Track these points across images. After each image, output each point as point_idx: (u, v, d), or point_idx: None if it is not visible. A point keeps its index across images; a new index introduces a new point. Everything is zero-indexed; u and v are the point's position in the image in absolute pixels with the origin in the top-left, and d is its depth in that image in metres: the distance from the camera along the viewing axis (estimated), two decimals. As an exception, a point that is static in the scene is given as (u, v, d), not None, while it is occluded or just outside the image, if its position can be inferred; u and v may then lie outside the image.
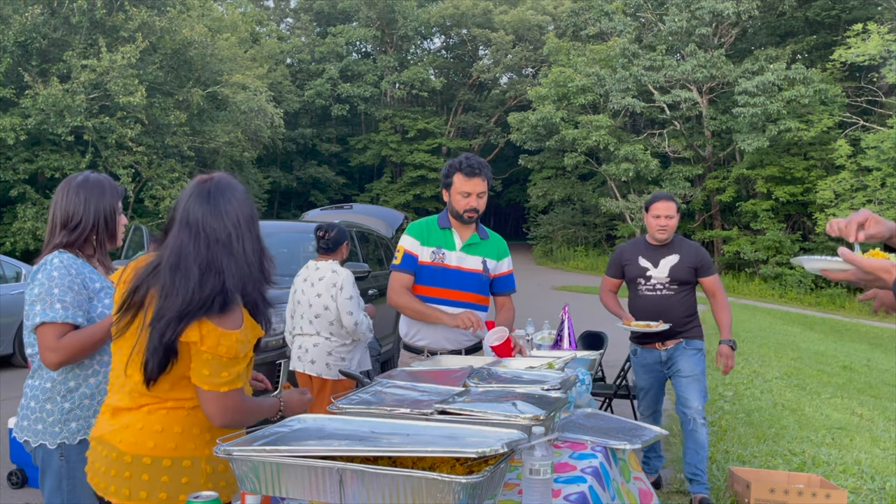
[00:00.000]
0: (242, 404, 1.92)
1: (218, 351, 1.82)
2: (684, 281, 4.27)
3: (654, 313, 4.21)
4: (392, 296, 3.40)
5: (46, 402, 2.37)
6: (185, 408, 1.92)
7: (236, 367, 1.87)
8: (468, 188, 3.34)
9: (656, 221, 4.28)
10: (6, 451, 4.82)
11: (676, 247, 4.33)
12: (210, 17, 26.61)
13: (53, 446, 2.35)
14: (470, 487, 1.43)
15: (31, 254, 19.95)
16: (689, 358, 4.27)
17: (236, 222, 1.91)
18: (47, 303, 2.25)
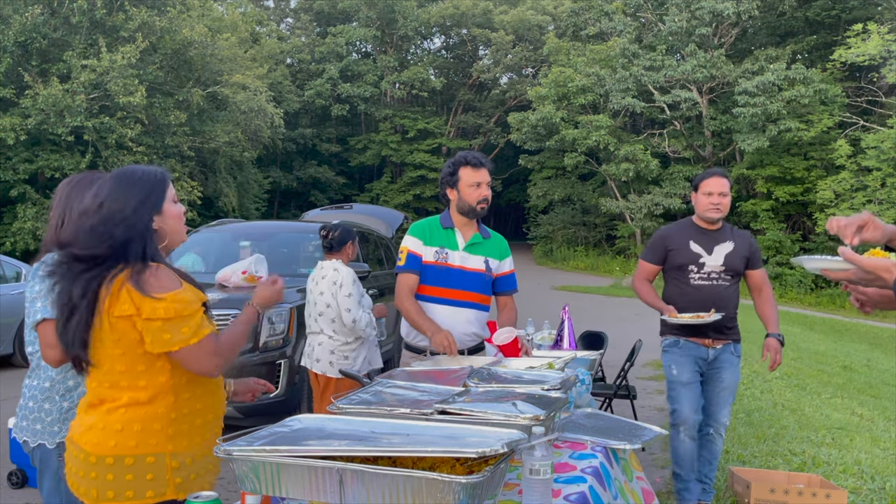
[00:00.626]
0: (219, 345, 1.97)
1: (159, 314, 1.87)
2: (736, 272, 3.90)
3: (706, 306, 3.80)
4: (398, 299, 3.40)
5: (45, 401, 2.37)
6: (140, 402, 1.94)
7: (191, 321, 1.91)
8: (478, 178, 3.34)
9: (708, 200, 3.82)
10: (6, 451, 4.81)
11: (729, 233, 3.93)
12: (210, 17, 26.62)
13: (52, 446, 2.36)
14: (470, 487, 1.43)
15: (31, 254, 19.94)
16: (733, 367, 3.95)
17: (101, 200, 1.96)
18: (48, 300, 2.24)
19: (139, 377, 1.94)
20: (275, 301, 2.25)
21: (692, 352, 3.92)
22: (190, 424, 1.99)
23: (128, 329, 1.90)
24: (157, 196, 2.02)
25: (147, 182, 2.01)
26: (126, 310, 1.88)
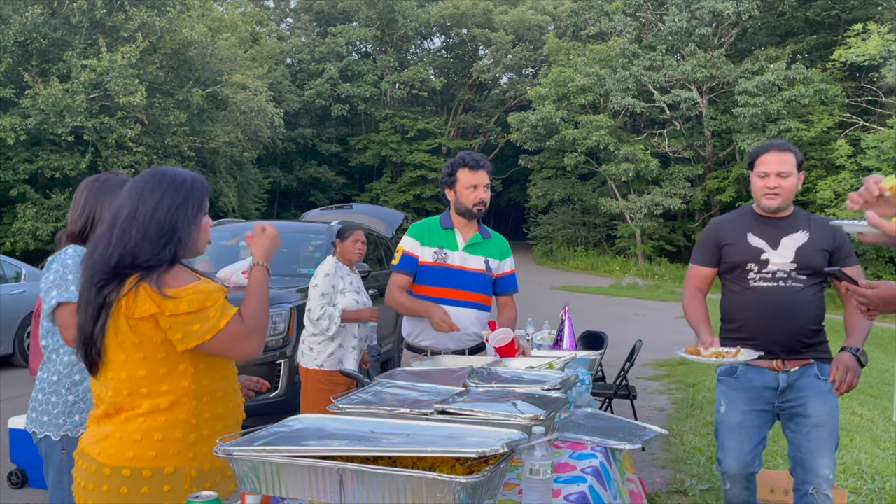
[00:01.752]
0: (247, 322, 1.94)
1: (181, 308, 1.82)
2: (815, 271, 2.93)
3: (771, 316, 2.91)
4: (388, 295, 3.44)
5: (52, 394, 2.43)
6: (161, 409, 1.87)
7: (214, 307, 1.88)
8: (475, 181, 3.35)
9: (763, 183, 2.91)
10: (6, 451, 4.82)
11: (803, 221, 2.98)
12: (210, 17, 26.64)
13: (57, 438, 2.40)
14: (470, 487, 1.43)
15: (31, 254, 19.94)
16: (822, 396, 2.91)
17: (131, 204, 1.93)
18: (62, 287, 2.37)
19: (161, 382, 1.88)
20: (275, 246, 2.21)
21: (753, 380, 2.96)
22: (211, 430, 1.94)
23: (150, 330, 1.85)
24: (198, 203, 1.98)
25: (191, 191, 1.97)
26: (148, 309, 1.82)
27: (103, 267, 1.85)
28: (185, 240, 1.92)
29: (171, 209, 1.90)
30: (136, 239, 1.85)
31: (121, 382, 1.88)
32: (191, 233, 1.95)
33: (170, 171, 1.98)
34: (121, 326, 1.84)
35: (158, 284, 1.83)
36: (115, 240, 1.86)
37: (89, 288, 1.87)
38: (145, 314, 1.82)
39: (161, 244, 1.87)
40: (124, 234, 1.86)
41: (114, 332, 1.85)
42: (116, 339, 1.86)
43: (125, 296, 1.83)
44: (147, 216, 1.88)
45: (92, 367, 1.91)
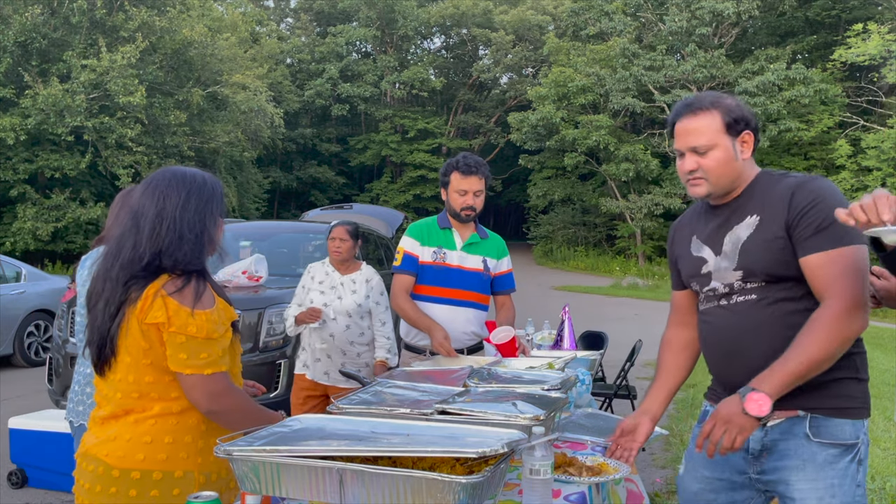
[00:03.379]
0: (230, 390, 1.87)
1: (188, 331, 1.79)
2: (770, 274, 1.94)
3: (720, 353, 2.10)
4: (393, 299, 3.43)
5: (87, 385, 2.56)
6: (172, 413, 1.86)
7: (214, 347, 1.83)
8: (465, 186, 3.36)
9: (680, 165, 2.05)
10: (6, 451, 4.82)
11: (756, 200, 1.99)
12: (210, 17, 26.62)
13: None
14: (470, 487, 1.43)
15: (31, 254, 19.96)
16: (815, 470, 1.91)
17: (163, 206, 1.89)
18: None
19: (169, 388, 1.86)
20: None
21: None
22: (221, 431, 1.89)
23: (157, 338, 1.82)
24: (220, 202, 1.97)
25: (214, 190, 1.95)
26: (158, 317, 1.80)
27: (132, 266, 1.83)
28: (213, 239, 1.93)
29: (198, 209, 1.89)
30: (169, 239, 1.84)
31: (129, 385, 1.86)
32: (215, 232, 1.95)
33: (187, 170, 1.96)
34: (132, 328, 1.83)
35: (179, 296, 1.81)
36: (144, 240, 1.84)
37: (113, 286, 1.84)
38: (154, 321, 1.80)
39: (199, 245, 1.88)
40: (154, 233, 1.84)
41: (124, 332, 1.83)
42: (125, 341, 1.84)
43: (142, 298, 1.81)
44: (176, 216, 1.86)
45: (103, 366, 1.87)
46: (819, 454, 1.90)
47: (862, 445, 1.93)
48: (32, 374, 8.19)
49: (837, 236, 1.83)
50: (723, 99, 2.02)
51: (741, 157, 1.99)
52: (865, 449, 1.94)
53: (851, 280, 1.81)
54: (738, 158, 1.98)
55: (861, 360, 1.96)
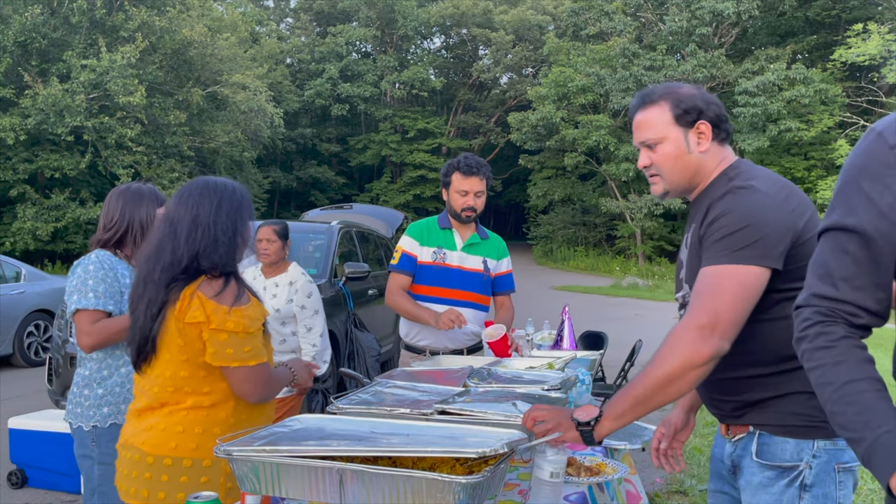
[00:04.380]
0: (271, 376, 2.08)
1: (227, 327, 1.93)
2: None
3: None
4: (388, 296, 3.44)
5: (85, 387, 2.60)
6: (203, 406, 2.00)
7: (254, 340, 1.99)
8: (465, 187, 3.36)
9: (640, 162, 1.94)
10: (6, 451, 4.82)
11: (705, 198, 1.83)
12: (210, 17, 26.63)
13: (88, 428, 2.58)
14: (470, 487, 1.43)
15: (31, 254, 19.96)
16: (752, 490, 1.80)
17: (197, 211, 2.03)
18: (82, 292, 2.51)
19: (202, 383, 2.00)
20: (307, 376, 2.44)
21: (716, 447, 2.00)
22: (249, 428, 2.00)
23: (194, 336, 1.95)
24: (249, 208, 2.12)
25: (243, 197, 2.10)
26: (197, 317, 1.93)
27: (172, 269, 1.97)
28: (245, 241, 2.09)
29: (229, 214, 2.04)
30: (205, 243, 1.99)
31: (166, 380, 2.00)
32: (247, 235, 2.11)
33: (217, 179, 2.12)
34: (170, 327, 1.96)
35: (215, 295, 1.95)
36: (182, 244, 1.98)
37: (155, 289, 1.98)
38: (194, 320, 1.93)
39: (232, 247, 2.02)
40: (190, 238, 1.99)
41: (164, 331, 1.97)
42: (164, 339, 1.97)
43: (181, 299, 1.95)
44: (210, 222, 2.01)
45: (142, 363, 2.02)
46: (756, 475, 1.77)
47: (807, 469, 1.69)
48: (32, 374, 8.19)
49: (728, 251, 1.65)
50: (675, 89, 1.87)
51: (696, 150, 1.83)
52: (818, 473, 1.69)
53: (714, 297, 1.62)
54: (692, 151, 1.83)
55: None
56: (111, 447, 2.50)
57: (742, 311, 1.63)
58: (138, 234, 2.67)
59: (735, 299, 1.62)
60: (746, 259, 1.64)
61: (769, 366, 1.74)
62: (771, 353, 1.74)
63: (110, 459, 2.52)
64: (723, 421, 1.89)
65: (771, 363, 1.74)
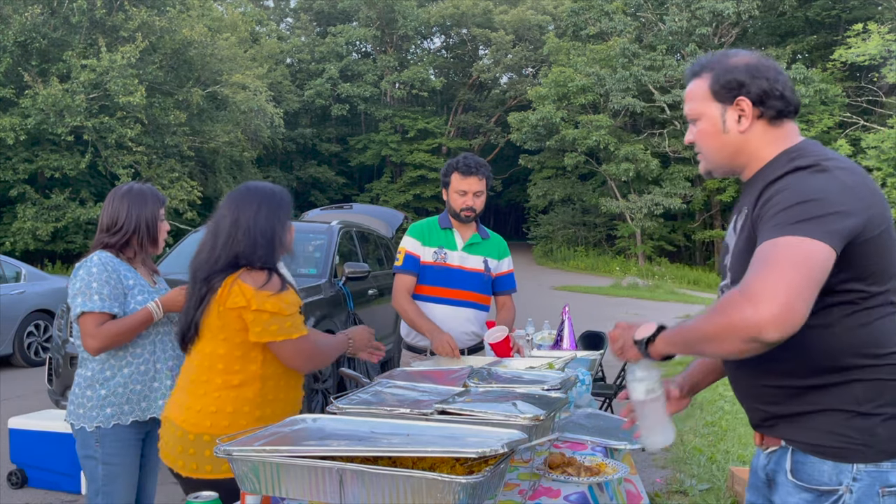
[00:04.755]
0: (316, 347, 2.30)
1: (266, 307, 2.13)
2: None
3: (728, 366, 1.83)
4: (394, 299, 3.42)
5: (87, 388, 2.61)
6: (232, 385, 2.19)
7: (293, 318, 2.19)
8: (464, 187, 3.36)
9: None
10: (6, 451, 4.81)
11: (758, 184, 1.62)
12: (210, 16, 26.60)
13: (91, 429, 2.58)
14: (470, 487, 1.43)
15: (31, 254, 19.96)
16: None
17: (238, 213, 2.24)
18: (87, 295, 2.52)
19: (235, 362, 2.20)
20: (366, 344, 2.58)
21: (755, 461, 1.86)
22: (273, 410, 2.21)
23: (234, 319, 2.16)
24: (288, 210, 2.31)
25: (282, 200, 2.29)
26: (238, 302, 2.14)
27: (209, 266, 2.20)
28: (284, 242, 2.27)
29: (268, 216, 2.23)
30: (245, 243, 2.18)
31: (203, 357, 2.22)
32: (285, 236, 2.28)
33: (259, 183, 2.32)
34: (212, 312, 2.18)
35: (254, 282, 2.14)
36: (220, 245, 2.20)
37: (198, 282, 2.21)
38: (235, 306, 2.14)
39: (271, 248, 2.21)
40: (230, 239, 2.19)
41: (205, 316, 2.20)
42: (206, 322, 2.20)
43: (222, 287, 2.16)
44: (250, 224, 2.20)
45: (186, 344, 2.27)
46: (793, 496, 1.60)
47: (848, 494, 1.52)
48: (32, 374, 8.19)
49: (786, 224, 1.43)
50: (722, 59, 1.70)
51: (735, 129, 1.66)
52: (860, 498, 1.52)
53: (768, 270, 1.38)
54: (729, 130, 1.66)
55: (866, 390, 1.52)
56: (115, 447, 2.58)
57: (803, 285, 1.36)
58: (144, 236, 2.68)
59: (795, 271, 1.36)
60: (808, 231, 1.40)
61: (805, 378, 1.56)
62: (807, 364, 1.55)
63: (115, 460, 2.58)
64: (755, 429, 1.75)
65: (807, 375, 1.56)
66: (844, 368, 1.52)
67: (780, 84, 1.64)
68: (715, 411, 6.53)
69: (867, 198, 1.49)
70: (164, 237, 2.77)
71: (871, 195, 1.51)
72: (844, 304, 1.51)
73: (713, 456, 5.14)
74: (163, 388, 2.67)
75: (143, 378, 2.63)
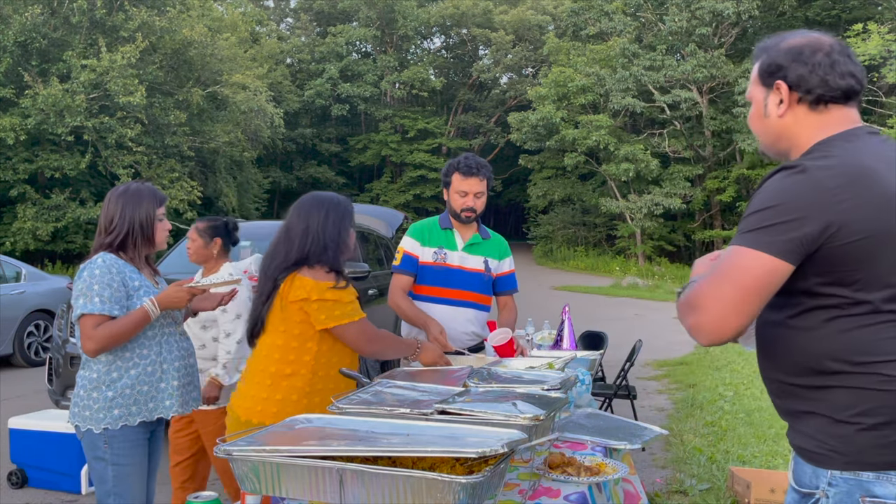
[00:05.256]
0: (378, 332, 2.54)
1: (327, 296, 2.39)
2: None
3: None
4: (390, 297, 3.44)
5: (93, 390, 2.59)
6: (284, 374, 2.42)
7: (353, 304, 2.45)
8: (465, 188, 3.36)
9: None
10: (6, 451, 4.82)
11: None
12: (210, 17, 26.60)
13: (98, 431, 2.57)
14: (470, 487, 1.43)
15: (31, 254, 19.95)
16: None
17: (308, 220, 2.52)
18: (88, 297, 2.52)
19: (290, 353, 2.43)
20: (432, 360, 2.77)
21: None
22: (321, 399, 2.36)
23: (295, 312, 2.40)
24: (351, 217, 2.58)
25: (346, 208, 2.56)
26: (299, 295, 2.38)
27: (280, 265, 2.45)
28: (348, 246, 2.53)
29: (335, 223, 2.50)
30: (314, 247, 2.45)
31: (262, 348, 2.47)
32: (349, 240, 2.54)
33: (325, 193, 2.61)
34: (275, 306, 2.42)
35: (315, 277, 2.40)
36: (294, 249, 2.45)
37: (268, 281, 2.46)
38: (296, 298, 2.38)
39: (337, 251, 2.47)
40: (301, 244, 2.45)
41: (271, 311, 2.43)
42: (270, 316, 2.44)
43: (285, 282, 2.40)
44: (319, 230, 2.47)
45: (254, 339, 2.51)
46: (788, 495, 1.63)
47: (824, 498, 1.51)
48: (32, 374, 8.19)
49: (741, 232, 1.49)
50: (776, 41, 1.65)
51: (774, 114, 1.62)
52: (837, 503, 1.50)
53: (711, 280, 1.48)
54: (769, 115, 1.64)
55: (844, 396, 1.49)
56: (124, 448, 2.59)
57: (738, 298, 1.44)
58: (139, 237, 2.65)
59: (732, 284, 1.45)
60: (755, 242, 1.45)
61: (795, 377, 1.56)
62: (796, 365, 1.55)
63: (125, 461, 2.58)
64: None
65: (796, 374, 1.56)
66: (825, 373, 1.50)
67: (823, 68, 1.57)
68: (715, 411, 6.53)
69: (846, 201, 1.43)
70: (163, 237, 2.74)
71: (855, 198, 1.44)
72: (827, 308, 1.50)
73: (713, 456, 5.14)
74: (169, 388, 2.67)
75: (149, 379, 2.63)
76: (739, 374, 8.36)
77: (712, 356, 9.62)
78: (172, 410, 2.67)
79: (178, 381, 2.68)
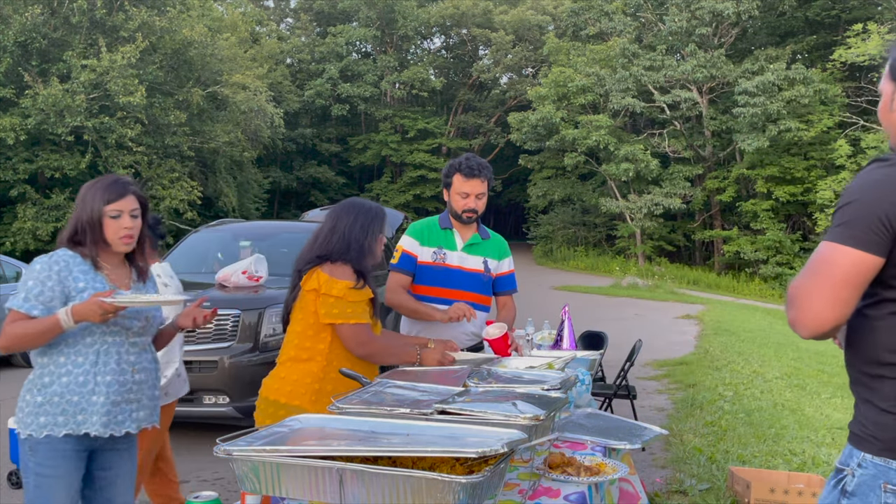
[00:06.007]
0: (373, 339, 2.63)
1: (333, 292, 2.53)
2: None
3: None
4: (388, 295, 3.43)
5: (27, 393, 2.45)
6: (301, 360, 2.60)
7: (356, 306, 2.56)
8: (467, 189, 3.35)
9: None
10: (6, 451, 4.82)
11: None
12: (210, 17, 26.60)
13: (24, 436, 2.42)
14: (470, 487, 1.43)
15: (31, 253, 19.93)
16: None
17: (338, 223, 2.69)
18: (20, 291, 2.41)
19: (306, 339, 2.60)
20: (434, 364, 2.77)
21: None
22: (333, 387, 2.48)
23: (310, 301, 2.57)
24: (381, 224, 2.72)
25: (377, 214, 2.72)
26: (312, 285, 2.56)
27: (304, 258, 2.65)
28: (373, 250, 2.68)
29: (363, 226, 2.65)
30: (338, 247, 2.61)
31: (289, 333, 2.66)
32: (375, 245, 2.68)
33: (359, 200, 2.79)
34: (299, 295, 2.62)
35: (332, 272, 2.56)
36: (317, 246, 2.63)
37: (294, 272, 2.66)
38: (310, 288, 2.56)
39: (361, 253, 2.62)
40: (325, 242, 2.63)
41: (297, 300, 2.63)
42: (295, 305, 2.64)
43: (307, 274, 2.59)
44: (345, 231, 2.63)
45: (285, 326, 2.71)
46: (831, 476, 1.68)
47: (849, 477, 1.58)
48: (32, 374, 8.18)
49: (832, 227, 1.54)
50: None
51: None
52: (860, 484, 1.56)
53: (804, 275, 1.54)
54: (893, 110, 1.63)
55: (890, 388, 1.55)
56: (48, 458, 2.36)
57: (827, 292, 1.48)
58: (87, 235, 2.42)
59: (822, 278, 1.50)
60: (839, 237, 1.50)
61: (863, 365, 1.60)
62: (864, 354, 1.59)
63: (47, 472, 2.37)
64: None
65: (864, 363, 1.60)
66: (883, 363, 1.55)
67: None
68: (715, 411, 6.53)
69: None
70: (115, 235, 2.44)
71: None
72: (892, 301, 1.53)
73: (713, 456, 5.14)
74: (101, 403, 2.40)
75: (81, 389, 2.38)
76: (739, 374, 8.36)
77: (712, 356, 9.63)
78: (95, 429, 2.39)
79: (106, 398, 2.39)
